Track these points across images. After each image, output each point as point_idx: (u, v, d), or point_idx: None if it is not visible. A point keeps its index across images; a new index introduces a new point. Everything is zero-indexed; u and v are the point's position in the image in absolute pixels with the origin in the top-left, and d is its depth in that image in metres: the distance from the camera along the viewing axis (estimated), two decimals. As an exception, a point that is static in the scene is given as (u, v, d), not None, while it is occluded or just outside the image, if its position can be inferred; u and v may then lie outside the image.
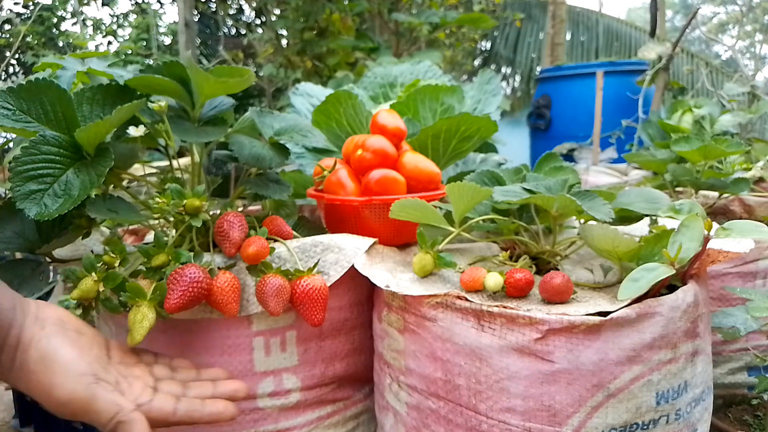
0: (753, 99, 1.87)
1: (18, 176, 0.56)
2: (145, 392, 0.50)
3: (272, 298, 0.57)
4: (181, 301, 0.54)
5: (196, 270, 0.56)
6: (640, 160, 1.36)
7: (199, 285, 0.55)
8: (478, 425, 0.58)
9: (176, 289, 0.54)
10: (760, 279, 1.03)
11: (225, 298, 0.58)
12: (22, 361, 0.45)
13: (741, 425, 1.04)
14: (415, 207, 0.65)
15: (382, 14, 2.88)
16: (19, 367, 0.45)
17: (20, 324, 0.46)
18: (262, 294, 0.58)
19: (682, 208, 0.65)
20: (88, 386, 0.45)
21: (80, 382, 0.45)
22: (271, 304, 0.57)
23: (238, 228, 0.62)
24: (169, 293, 0.54)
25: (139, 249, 0.59)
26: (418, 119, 0.98)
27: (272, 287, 0.58)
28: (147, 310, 0.54)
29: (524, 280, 0.59)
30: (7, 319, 0.45)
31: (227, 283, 0.58)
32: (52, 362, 0.45)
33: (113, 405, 0.45)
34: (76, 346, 0.47)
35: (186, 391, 0.54)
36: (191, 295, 0.54)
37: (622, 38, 6.03)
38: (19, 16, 4.96)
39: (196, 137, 0.69)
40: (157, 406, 0.49)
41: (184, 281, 0.54)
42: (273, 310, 0.57)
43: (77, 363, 0.46)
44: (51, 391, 0.45)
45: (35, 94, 0.61)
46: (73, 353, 0.46)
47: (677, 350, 0.56)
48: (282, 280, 0.59)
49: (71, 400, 0.45)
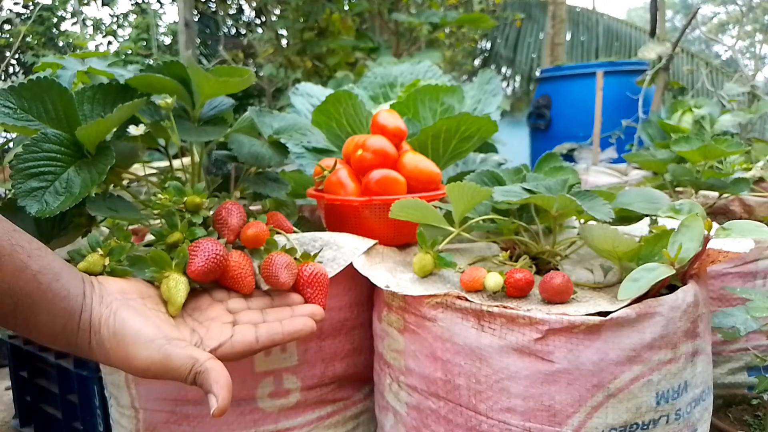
0: (753, 99, 1.87)
1: (19, 173, 0.57)
2: (224, 330, 0.52)
3: (283, 270, 0.57)
4: (206, 266, 0.54)
5: (214, 242, 0.56)
6: (640, 160, 1.36)
7: (219, 254, 0.55)
8: (478, 425, 0.58)
9: (199, 256, 0.54)
10: (760, 279, 1.03)
11: (242, 272, 0.57)
12: (97, 341, 0.47)
13: (741, 425, 1.04)
14: (415, 207, 0.65)
15: (382, 14, 2.88)
16: (96, 346, 0.47)
17: (89, 306, 0.48)
18: (270, 268, 0.57)
19: (682, 208, 0.65)
20: (160, 349, 0.47)
21: (152, 347, 0.47)
22: (282, 276, 0.56)
23: (236, 215, 0.61)
24: (191, 259, 0.54)
25: (152, 231, 0.59)
26: (418, 119, 0.98)
27: (281, 261, 0.57)
28: (178, 275, 0.54)
29: (524, 280, 0.59)
30: (78, 305, 0.47)
31: (242, 258, 0.58)
32: (123, 336, 0.47)
33: (188, 359, 0.47)
34: (141, 314, 0.49)
35: (265, 316, 0.56)
36: (213, 262, 0.54)
37: (622, 38, 6.03)
38: (19, 16, 4.96)
39: (196, 137, 0.69)
40: (239, 339, 0.52)
41: (206, 249, 0.54)
42: (284, 281, 0.56)
43: (145, 330, 0.47)
44: (130, 362, 0.47)
45: (36, 92, 0.61)
46: (139, 322, 0.48)
47: (677, 350, 0.56)
48: (289, 257, 0.59)
49: (150, 366, 0.46)
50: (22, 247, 0.44)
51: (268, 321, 0.55)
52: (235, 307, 0.57)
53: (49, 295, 0.45)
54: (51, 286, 0.45)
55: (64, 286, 0.46)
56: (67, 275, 0.47)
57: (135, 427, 0.69)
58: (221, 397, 0.45)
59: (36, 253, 0.45)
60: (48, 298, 0.45)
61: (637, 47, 3.98)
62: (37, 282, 0.44)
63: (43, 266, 0.45)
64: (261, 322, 0.55)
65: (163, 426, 0.67)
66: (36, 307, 0.45)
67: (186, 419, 0.67)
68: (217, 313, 0.55)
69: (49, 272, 0.46)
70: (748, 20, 7.58)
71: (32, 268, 0.44)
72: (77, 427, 1.00)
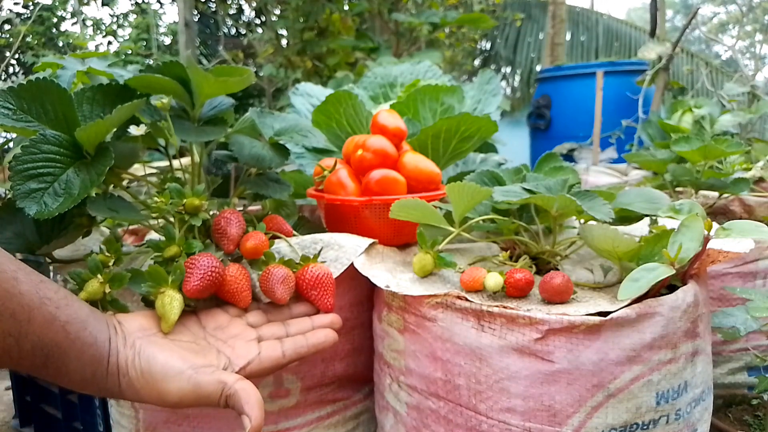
0: (753, 99, 1.87)
1: (18, 175, 0.56)
2: (250, 348, 0.53)
3: (279, 285, 0.57)
4: (201, 284, 0.53)
5: (210, 258, 0.56)
6: (640, 160, 1.36)
7: (215, 271, 0.55)
8: (478, 425, 0.58)
9: (194, 274, 0.54)
10: (760, 279, 1.03)
11: (239, 286, 0.57)
12: (126, 382, 0.47)
13: (741, 425, 1.04)
14: (415, 207, 0.65)
15: (382, 14, 2.88)
16: (126, 388, 0.47)
17: (116, 350, 0.47)
18: (267, 283, 0.58)
19: (682, 208, 0.65)
20: (189, 379, 0.47)
21: (181, 379, 0.47)
22: (278, 291, 0.57)
23: (235, 224, 0.62)
24: (187, 277, 0.54)
25: (150, 244, 0.59)
26: (418, 119, 0.98)
27: (278, 276, 0.58)
28: (173, 292, 0.53)
29: (524, 280, 0.59)
30: (105, 350, 0.47)
31: (239, 272, 0.58)
32: (151, 374, 0.47)
33: (218, 384, 0.47)
34: (164, 348, 0.49)
35: (288, 329, 0.57)
36: (209, 279, 0.54)
37: (622, 38, 6.03)
38: (19, 16, 4.96)
39: (196, 137, 0.69)
40: (267, 356, 0.53)
41: (201, 266, 0.54)
42: (280, 297, 0.57)
43: (172, 363, 0.48)
44: (162, 398, 0.47)
45: (36, 93, 0.61)
46: (164, 356, 0.48)
47: (677, 350, 0.56)
48: (286, 269, 0.59)
49: (182, 398, 0.47)
50: (50, 298, 0.44)
51: (291, 334, 0.56)
52: (255, 321, 0.58)
53: (78, 344, 0.45)
54: (79, 335, 0.45)
55: (91, 333, 0.46)
56: (93, 321, 0.47)
57: (135, 427, 0.69)
58: (254, 417, 0.45)
59: (63, 303, 0.45)
60: (77, 347, 0.45)
61: (637, 47, 3.98)
62: (65, 332, 0.44)
63: (70, 316, 0.45)
64: (284, 335, 0.56)
65: (163, 426, 0.67)
66: (66, 357, 0.44)
67: (186, 419, 0.67)
68: (239, 329, 0.55)
69: (77, 321, 0.45)
70: (748, 20, 7.57)
71: (61, 319, 0.44)
72: (77, 427, 1.00)
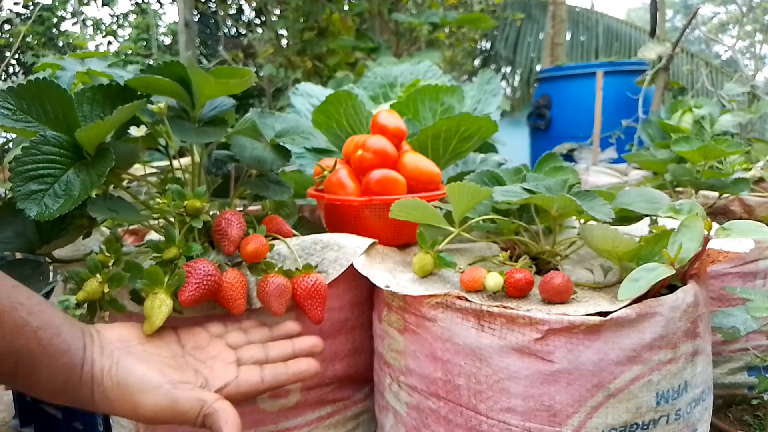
0: (753, 99, 1.87)
1: (18, 176, 0.56)
2: (228, 370, 0.52)
3: (275, 298, 0.58)
4: (196, 294, 0.54)
5: (208, 264, 0.56)
6: (640, 160, 1.36)
7: (212, 278, 0.55)
8: (478, 425, 0.58)
9: (191, 282, 0.54)
10: (760, 279, 1.03)
11: (234, 294, 0.58)
12: (100, 393, 0.46)
13: (741, 425, 1.04)
14: (415, 207, 0.65)
15: (382, 14, 2.88)
16: (100, 398, 0.46)
17: (90, 359, 0.47)
18: (264, 294, 0.58)
19: (682, 208, 0.65)
20: (166, 394, 0.46)
21: (158, 393, 0.46)
22: (274, 304, 0.58)
23: (236, 226, 0.62)
24: (183, 286, 0.54)
25: (150, 244, 0.59)
26: (418, 119, 0.98)
27: (274, 287, 0.58)
28: (165, 296, 0.53)
29: (524, 280, 0.59)
30: (79, 359, 0.46)
31: (236, 279, 0.58)
32: (127, 386, 0.46)
33: (196, 401, 0.47)
34: (143, 360, 0.48)
35: (267, 351, 0.56)
36: (205, 288, 0.54)
37: (622, 38, 6.03)
38: (19, 16, 4.96)
39: (196, 138, 0.69)
40: (245, 380, 0.52)
41: (198, 274, 0.54)
42: (276, 310, 0.58)
43: (150, 378, 0.47)
44: (137, 411, 0.46)
45: (36, 94, 0.61)
46: (143, 369, 0.47)
47: (677, 350, 0.56)
48: (283, 279, 0.59)
49: (157, 412, 0.46)
50: (22, 303, 0.43)
51: (271, 357, 0.55)
52: (235, 342, 0.57)
53: (50, 351, 0.44)
54: (52, 342, 0.44)
55: (65, 340, 0.45)
56: (67, 328, 0.46)
57: (135, 427, 0.69)
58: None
59: (36, 309, 0.44)
60: (49, 354, 0.44)
61: (637, 47, 3.98)
62: (37, 338, 0.43)
63: (43, 322, 0.44)
64: (263, 359, 0.55)
65: (163, 426, 0.67)
66: (37, 364, 0.43)
67: (186, 420, 0.66)
68: (218, 350, 0.55)
69: (50, 328, 0.44)
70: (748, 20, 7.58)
71: (33, 325, 0.43)
72: (77, 427, 1.00)
